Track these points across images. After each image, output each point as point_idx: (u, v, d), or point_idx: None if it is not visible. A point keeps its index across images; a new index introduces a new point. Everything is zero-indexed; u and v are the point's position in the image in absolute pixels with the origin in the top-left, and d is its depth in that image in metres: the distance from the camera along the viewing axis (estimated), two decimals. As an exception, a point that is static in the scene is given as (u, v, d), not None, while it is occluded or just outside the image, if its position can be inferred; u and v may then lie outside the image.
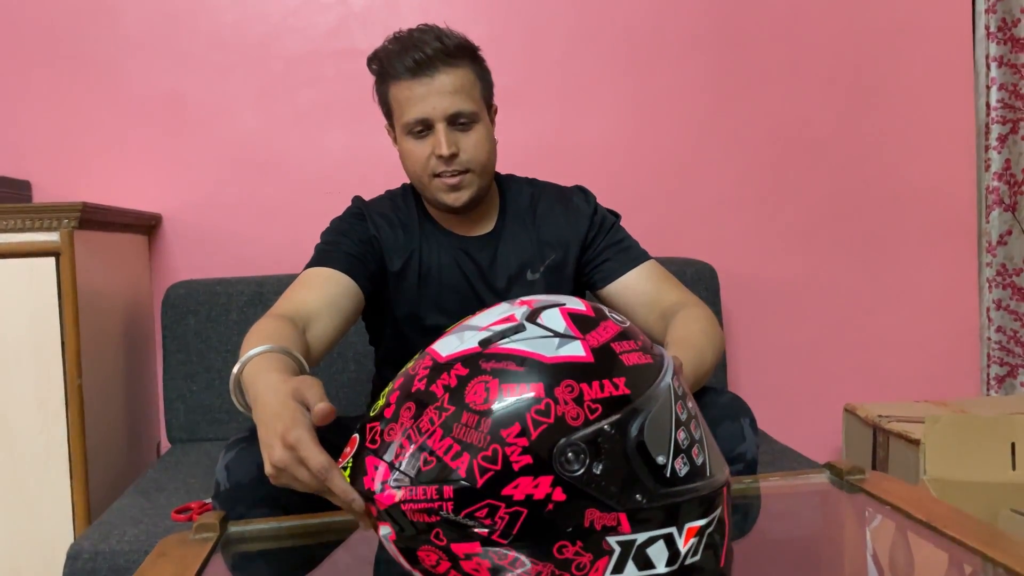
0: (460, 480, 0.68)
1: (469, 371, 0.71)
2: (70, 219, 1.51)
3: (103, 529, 1.29)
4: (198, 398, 1.81)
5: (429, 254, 1.30)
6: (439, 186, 1.23)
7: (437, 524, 0.69)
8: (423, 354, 0.76)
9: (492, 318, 0.77)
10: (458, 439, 0.69)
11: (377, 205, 1.34)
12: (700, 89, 2.14)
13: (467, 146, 1.22)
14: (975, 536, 0.84)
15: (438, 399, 0.71)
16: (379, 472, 0.70)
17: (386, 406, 0.74)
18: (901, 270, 2.21)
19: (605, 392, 0.71)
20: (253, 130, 2.03)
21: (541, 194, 1.38)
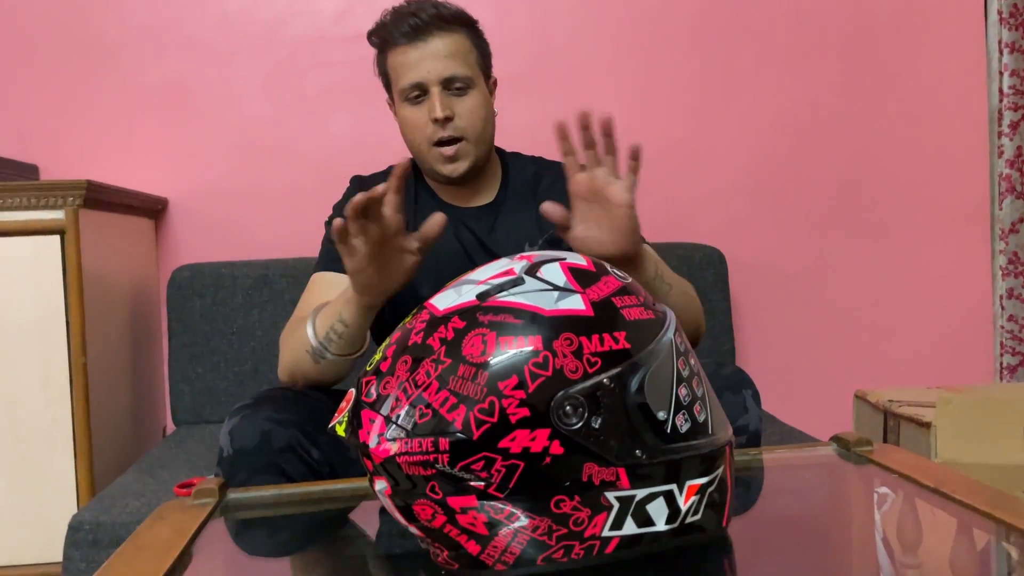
0: (456, 432, 0.67)
1: (466, 324, 0.70)
2: (75, 197, 1.51)
3: (105, 502, 1.28)
4: (203, 380, 1.81)
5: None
6: (437, 156, 1.23)
7: (433, 477, 0.68)
8: (421, 308, 0.75)
9: (491, 272, 0.76)
10: (454, 391, 0.68)
11: (373, 180, 1.34)
12: (710, 73, 2.12)
13: (462, 111, 1.22)
14: (985, 500, 0.82)
15: (435, 352, 0.70)
16: (375, 425, 0.69)
17: (382, 360, 0.73)
18: (913, 257, 2.19)
19: (605, 346, 0.70)
20: (259, 115, 2.03)
21: (545, 171, 1.37)
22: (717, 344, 1.93)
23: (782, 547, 0.80)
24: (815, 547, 0.81)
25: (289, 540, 0.93)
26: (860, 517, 0.91)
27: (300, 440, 1.04)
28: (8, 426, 1.51)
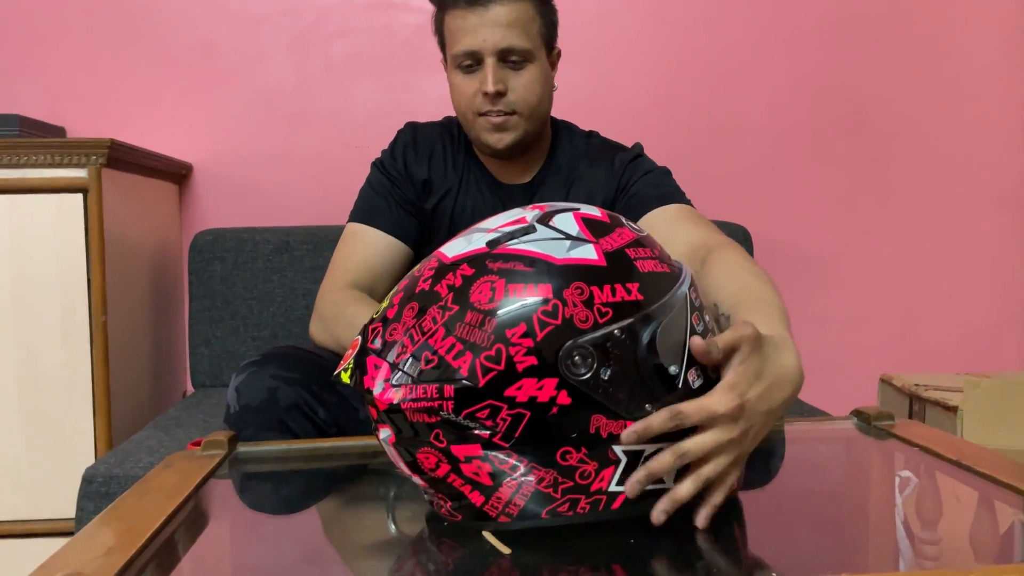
0: (462, 379, 0.65)
1: (475, 271, 0.69)
2: (98, 155, 1.52)
3: (119, 456, 1.29)
4: (222, 344, 1.82)
5: (466, 196, 1.27)
6: (483, 125, 1.19)
7: (437, 425, 0.66)
8: (430, 256, 0.74)
9: (502, 220, 0.74)
10: (461, 338, 0.66)
11: (426, 136, 1.29)
12: (741, 48, 2.08)
13: (516, 86, 1.17)
14: (1008, 473, 0.80)
15: (442, 299, 0.68)
16: (380, 372, 0.68)
17: (389, 307, 0.72)
18: (944, 241, 2.14)
19: (617, 296, 0.68)
20: (284, 81, 2.02)
21: (592, 151, 1.31)
22: (740, 323, 1.90)
23: (801, 519, 0.78)
24: (834, 519, 0.79)
25: (295, 496, 0.93)
26: (881, 490, 0.88)
27: (306, 399, 1.04)
28: (29, 380, 1.52)
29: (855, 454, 0.99)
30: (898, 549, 0.70)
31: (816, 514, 0.80)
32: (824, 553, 0.70)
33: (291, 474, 0.97)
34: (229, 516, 0.83)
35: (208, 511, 0.81)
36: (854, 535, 0.75)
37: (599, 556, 0.66)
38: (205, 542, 0.74)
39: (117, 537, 0.67)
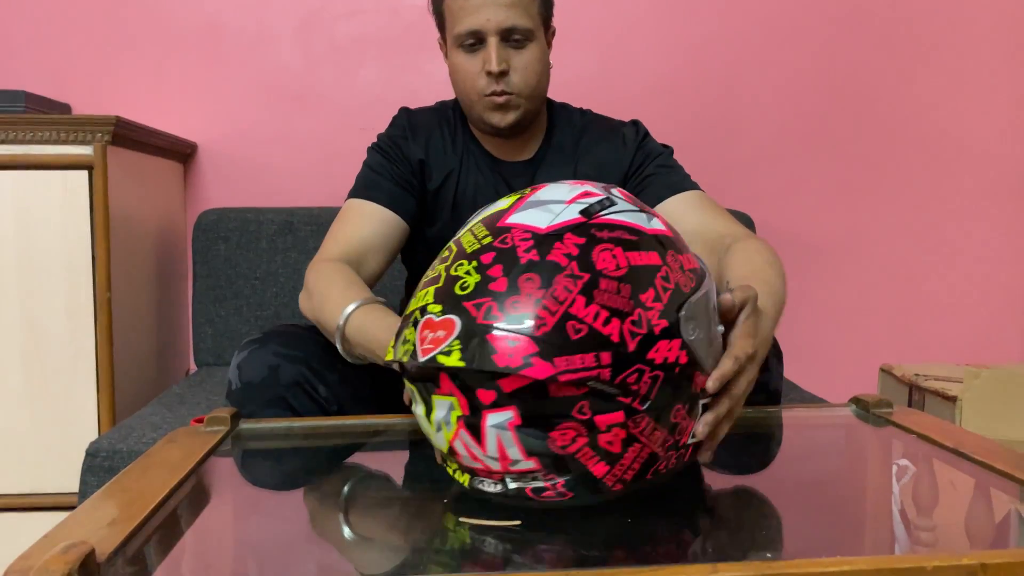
0: (616, 345, 0.65)
1: (586, 240, 0.69)
2: (104, 132, 1.52)
3: (123, 431, 1.30)
4: (226, 323, 1.83)
5: (467, 176, 1.27)
6: (487, 104, 1.19)
7: (584, 396, 0.65)
8: (505, 230, 0.70)
9: (571, 193, 0.74)
10: (604, 305, 0.66)
11: (423, 119, 1.30)
12: (748, 36, 2.07)
13: (519, 65, 1.18)
14: (1005, 462, 0.80)
15: (565, 267, 0.67)
16: (518, 347, 0.64)
17: (488, 281, 0.67)
18: (948, 231, 2.13)
19: (694, 263, 0.75)
20: (290, 62, 2.02)
21: (590, 126, 1.32)
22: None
23: (798, 503, 0.79)
24: (831, 504, 0.79)
25: (296, 473, 0.94)
26: (878, 476, 0.89)
27: (308, 376, 1.04)
28: (33, 356, 1.53)
29: (853, 441, 1.00)
30: (894, 534, 0.71)
31: (813, 498, 0.81)
32: (821, 536, 0.71)
33: (293, 451, 0.98)
34: (231, 491, 0.84)
35: (210, 486, 0.82)
36: (850, 519, 0.76)
37: (599, 535, 0.67)
38: (207, 516, 0.75)
39: (121, 509, 0.68)
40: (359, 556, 0.67)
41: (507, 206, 0.74)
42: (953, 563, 0.56)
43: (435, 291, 0.69)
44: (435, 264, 0.74)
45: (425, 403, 0.71)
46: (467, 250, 0.70)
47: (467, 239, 0.72)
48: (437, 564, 0.64)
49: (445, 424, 0.69)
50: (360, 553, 0.67)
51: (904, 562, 0.57)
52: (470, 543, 0.67)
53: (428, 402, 0.71)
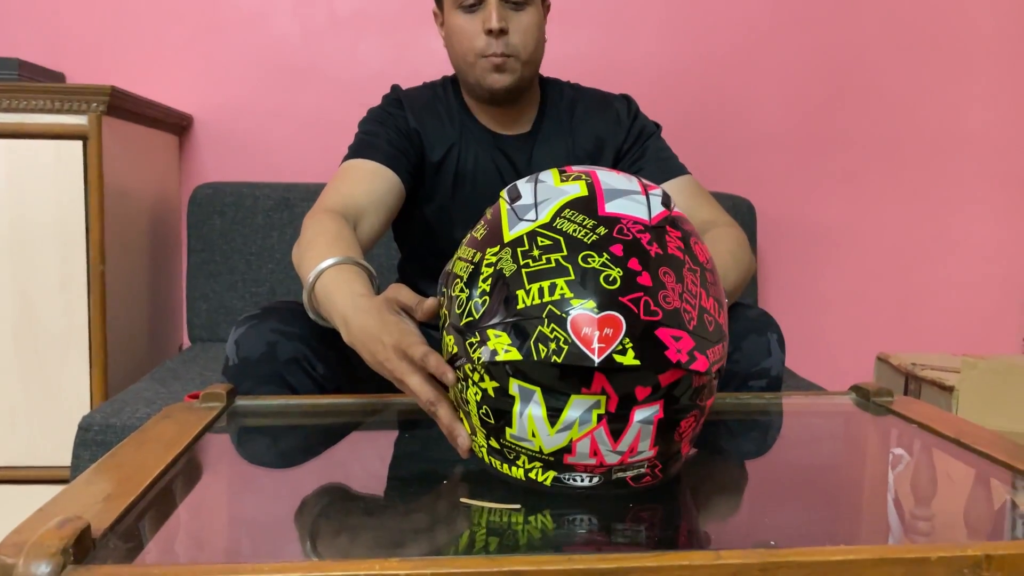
0: (727, 334, 0.73)
1: (680, 233, 0.72)
2: (99, 103, 1.50)
3: (116, 405, 1.29)
4: (220, 298, 1.81)
5: (467, 150, 1.27)
6: (484, 65, 1.19)
7: (708, 383, 0.71)
8: (610, 220, 0.68)
9: (629, 182, 0.75)
10: (716, 297, 0.71)
11: (416, 95, 1.30)
12: (752, 19, 2.05)
13: (518, 27, 1.18)
14: (1005, 451, 0.80)
15: (682, 260, 0.69)
16: (682, 342, 0.65)
17: (632, 275, 0.66)
18: (948, 222, 2.13)
19: None
20: (288, 35, 1.99)
21: (581, 98, 1.34)
22: (741, 296, 1.90)
23: (798, 490, 0.79)
24: (831, 492, 0.79)
25: (292, 451, 0.93)
26: (878, 465, 0.89)
27: (306, 354, 1.03)
28: (26, 328, 1.52)
29: (854, 429, 1.00)
30: (896, 523, 0.70)
31: (815, 486, 0.80)
32: (823, 524, 0.71)
33: (289, 429, 0.97)
34: (226, 468, 0.83)
35: (206, 462, 0.81)
36: (851, 508, 0.76)
37: (602, 521, 0.67)
38: (203, 493, 0.74)
39: (115, 484, 0.67)
40: (354, 535, 0.66)
41: (584, 193, 0.71)
42: (957, 554, 0.56)
43: (567, 283, 0.65)
44: (522, 254, 0.68)
45: (546, 404, 0.67)
46: (584, 240, 0.67)
47: (567, 226, 0.68)
48: (434, 544, 0.63)
49: (580, 423, 0.66)
50: (355, 532, 0.67)
51: (908, 552, 0.56)
52: (469, 524, 0.66)
53: (555, 402, 0.67)
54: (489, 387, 0.69)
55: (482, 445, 0.74)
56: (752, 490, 0.79)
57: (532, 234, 0.69)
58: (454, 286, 0.73)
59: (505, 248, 0.69)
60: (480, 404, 0.71)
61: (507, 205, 0.74)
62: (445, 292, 0.76)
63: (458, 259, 0.75)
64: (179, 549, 0.63)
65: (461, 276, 0.72)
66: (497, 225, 0.72)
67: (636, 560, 0.54)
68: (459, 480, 0.77)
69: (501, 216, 0.73)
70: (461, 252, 0.75)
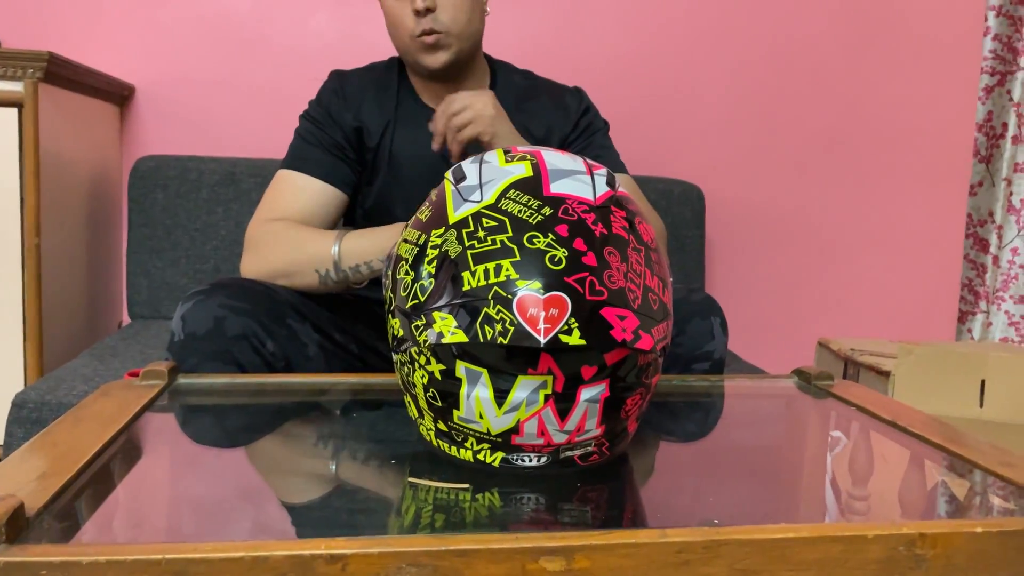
0: (671, 313, 0.73)
1: (625, 212, 0.72)
2: (35, 69, 1.44)
3: (51, 382, 1.25)
4: (162, 275, 1.76)
5: (404, 129, 1.25)
6: (418, 46, 1.18)
7: (652, 362, 0.72)
8: (555, 200, 0.68)
9: (574, 161, 0.74)
10: (660, 276, 0.72)
11: (355, 77, 1.28)
12: (703, 6, 2.07)
13: (445, 4, 1.17)
14: (939, 434, 0.83)
15: (627, 240, 0.69)
16: (627, 321, 0.65)
17: (577, 255, 0.66)
18: (890, 210, 2.19)
19: None
20: (238, 4, 1.94)
21: (533, 86, 1.33)
22: (688, 280, 1.93)
23: (739, 470, 0.80)
24: (772, 472, 0.81)
25: (236, 431, 0.91)
26: (817, 446, 0.91)
27: (255, 330, 1.01)
28: (-45, 302, 1.46)
29: (795, 411, 1.02)
30: (835, 502, 0.72)
31: (756, 466, 0.82)
32: (765, 503, 0.72)
33: (234, 408, 0.95)
34: (167, 448, 0.81)
35: (146, 441, 0.79)
36: (792, 487, 0.77)
37: (548, 501, 0.67)
38: (142, 472, 0.72)
39: (51, 462, 0.65)
40: (301, 515, 0.65)
41: (529, 174, 0.70)
42: (893, 532, 0.57)
43: (513, 264, 0.65)
44: (467, 235, 0.67)
45: (493, 385, 0.67)
46: (530, 220, 0.67)
47: (512, 207, 0.68)
48: (381, 524, 0.63)
49: (527, 404, 0.66)
50: (302, 512, 0.66)
51: (846, 530, 0.58)
52: (416, 503, 0.66)
53: (502, 383, 0.66)
54: (436, 370, 0.69)
55: (430, 428, 0.73)
56: (696, 470, 0.81)
57: (477, 215, 0.68)
58: (399, 268, 0.72)
59: (450, 229, 0.69)
60: (427, 387, 0.70)
61: (452, 186, 0.72)
62: (390, 275, 0.74)
63: (403, 241, 0.74)
64: (117, 529, 0.61)
65: (406, 258, 0.71)
66: (442, 206, 0.71)
67: (582, 538, 0.54)
68: (407, 460, 0.76)
69: (446, 197, 0.72)
70: (406, 234, 0.74)
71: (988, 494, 0.71)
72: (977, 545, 0.58)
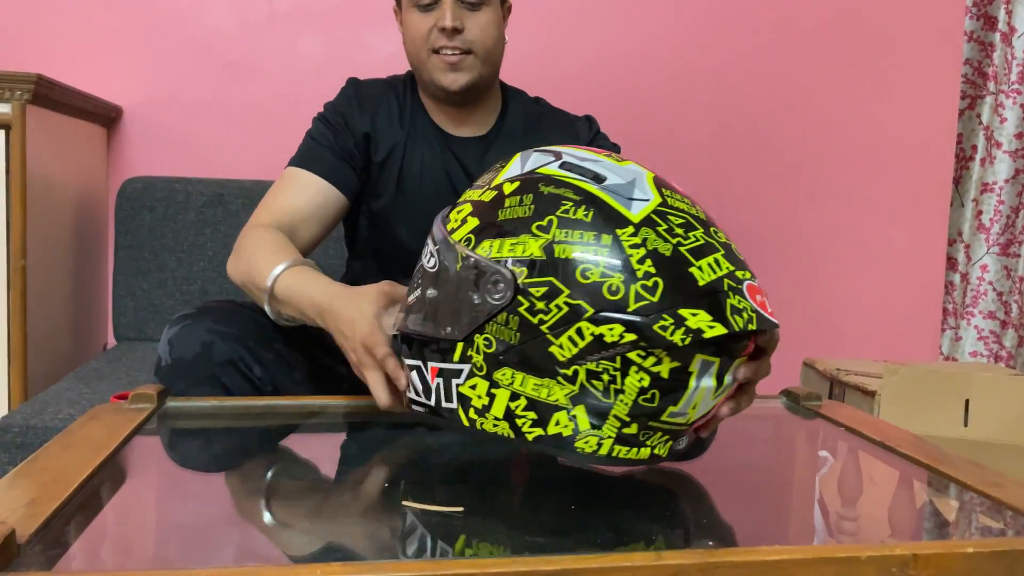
0: None
1: None
2: (23, 91, 1.44)
3: (36, 406, 1.24)
4: (148, 297, 1.75)
5: (412, 149, 1.25)
6: (437, 64, 1.18)
7: None
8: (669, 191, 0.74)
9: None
10: None
11: (371, 88, 1.28)
12: (690, 30, 2.09)
13: (473, 26, 1.17)
14: (927, 455, 0.83)
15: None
16: (767, 298, 0.76)
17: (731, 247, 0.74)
18: (871, 232, 2.21)
19: None
20: (225, 28, 1.94)
21: (545, 115, 1.33)
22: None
23: (734, 493, 0.80)
24: (761, 493, 0.81)
25: (225, 454, 0.90)
26: (806, 466, 0.91)
27: (242, 355, 1.01)
28: (-62, 325, 1.44)
29: (784, 431, 1.02)
30: (826, 523, 0.73)
31: (748, 487, 0.82)
32: (758, 525, 0.72)
33: (222, 432, 0.94)
34: (157, 472, 0.81)
35: (135, 466, 0.79)
36: (783, 508, 0.78)
37: (543, 523, 0.67)
38: (132, 497, 0.72)
39: (41, 488, 0.64)
40: (292, 540, 0.65)
41: (645, 169, 0.76)
42: (886, 553, 0.58)
43: (724, 257, 0.70)
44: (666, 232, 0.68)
45: (718, 373, 0.69)
46: (699, 215, 0.72)
47: (678, 203, 0.72)
48: (375, 548, 0.63)
49: (729, 386, 0.72)
50: (293, 537, 0.65)
51: (839, 551, 0.58)
52: (410, 528, 0.66)
53: (723, 369, 0.70)
54: (665, 368, 0.67)
55: (608, 436, 0.69)
56: (689, 491, 0.81)
57: (659, 213, 0.69)
58: (587, 273, 0.66)
59: (642, 228, 0.68)
60: (646, 389, 0.67)
61: (597, 187, 0.70)
62: (555, 283, 0.67)
63: (561, 244, 0.68)
64: (107, 556, 0.61)
65: (594, 262, 0.67)
66: (607, 209, 0.69)
67: (578, 561, 0.54)
68: (401, 483, 0.76)
69: (603, 199, 0.70)
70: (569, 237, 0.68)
71: (978, 514, 0.72)
72: (969, 565, 0.58)
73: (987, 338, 2.20)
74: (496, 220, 0.71)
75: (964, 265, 2.21)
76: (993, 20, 2.16)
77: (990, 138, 2.17)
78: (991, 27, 2.16)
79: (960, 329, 2.21)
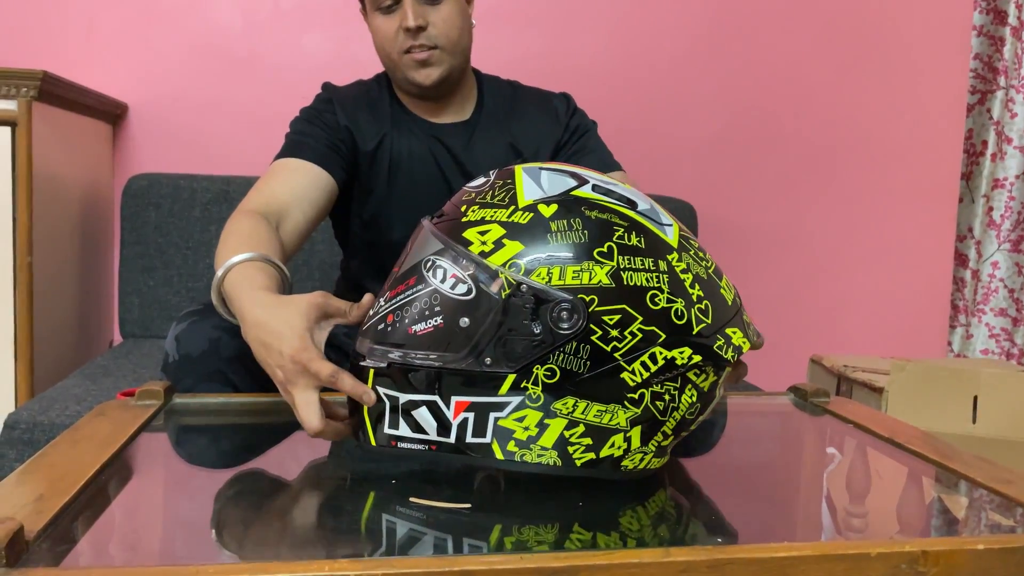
0: None
1: None
2: (29, 87, 1.44)
3: (44, 403, 1.24)
4: (154, 293, 1.76)
5: (400, 138, 1.25)
6: (408, 63, 1.19)
7: None
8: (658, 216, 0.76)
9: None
10: None
11: (346, 90, 1.29)
12: (696, 26, 2.09)
13: (436, 20, 1.18)
14: (935, 451, 0.83)
15: None
16: None
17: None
18: (879, 228, 2.20)
19: None
20: (230, 25, 1.94)
21: (521, 95, 1.35)
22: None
23: (743, 489, 0.80)
24: (770, 489, 0.81)
25: (232, 450, 0.90)
26: (815, 462, 0.91)
27: (249, 351, 1.00)
28: (-55, 322, 1.45)
29: (793, 428, 1.02)
30: (835, 519, 0.72)
31: (757, 484, 0.82)
32: (766, 521, 0.72)
33: (230, 428, 0.94)
34: (164, 468, 0.81)
35: (142, 462, 0.79)
36: (793, 505, 0.78)
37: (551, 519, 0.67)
38: (139, 493, 0.72)
39: (48, 484, 0.64)
40: (299, 536, 0.65)
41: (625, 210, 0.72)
42: (896, 549, 0.57)
43: (727, 278, 0.76)
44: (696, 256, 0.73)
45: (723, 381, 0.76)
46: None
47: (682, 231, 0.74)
48: (383, 545, 0.62)
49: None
50: (300, 533, 0.65)
51: (850, 548, 0.58)
52: (417, 524, 0.66)
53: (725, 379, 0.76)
54: (708, 383, 0.73)
55: (650, 452, 0.71)
56: (698, 487, 0.81)
57: (684, 237, 0.73)
58: (654, 301, 0.68)
59: (683, 253, 0.72)
60: (693, 404, 0.72)
61: (636, 213, 0.71)
62: (628, 311, 0.68)
63: (632, 271, 0.69)
64: (115, 551, 0.61)
65: (658, 287, 0.68)
66: (652, 236, 0.70)
67: (586, 558, 0.54)
68: (408, 480, 0.76)
69: (646, 225, 0.71)
70: (632, 264, 0.69)
71: (987, 511, 0.71)
72: (979, 562, 0.58)
73: (999, 335, 2.19)
74: (545, 243, 0.68)
75: (975, 262, 2.20)
76: (1003, 14, 2.14)
77: (1000, 133, 2.16)
78: (1001, 21, 2.15)
79: (971, 327, 2.20)
